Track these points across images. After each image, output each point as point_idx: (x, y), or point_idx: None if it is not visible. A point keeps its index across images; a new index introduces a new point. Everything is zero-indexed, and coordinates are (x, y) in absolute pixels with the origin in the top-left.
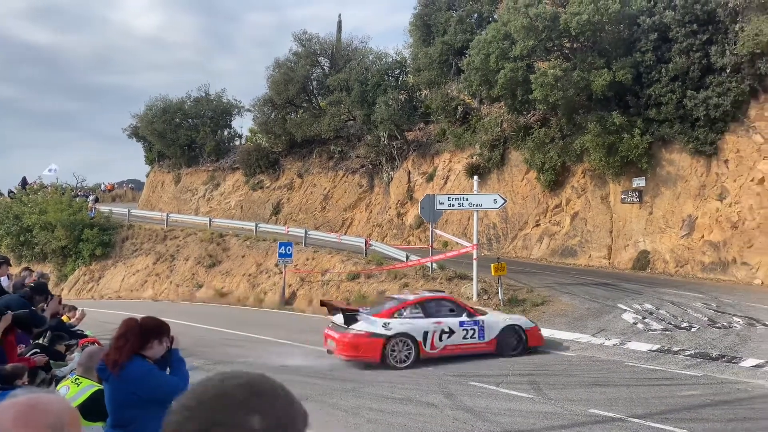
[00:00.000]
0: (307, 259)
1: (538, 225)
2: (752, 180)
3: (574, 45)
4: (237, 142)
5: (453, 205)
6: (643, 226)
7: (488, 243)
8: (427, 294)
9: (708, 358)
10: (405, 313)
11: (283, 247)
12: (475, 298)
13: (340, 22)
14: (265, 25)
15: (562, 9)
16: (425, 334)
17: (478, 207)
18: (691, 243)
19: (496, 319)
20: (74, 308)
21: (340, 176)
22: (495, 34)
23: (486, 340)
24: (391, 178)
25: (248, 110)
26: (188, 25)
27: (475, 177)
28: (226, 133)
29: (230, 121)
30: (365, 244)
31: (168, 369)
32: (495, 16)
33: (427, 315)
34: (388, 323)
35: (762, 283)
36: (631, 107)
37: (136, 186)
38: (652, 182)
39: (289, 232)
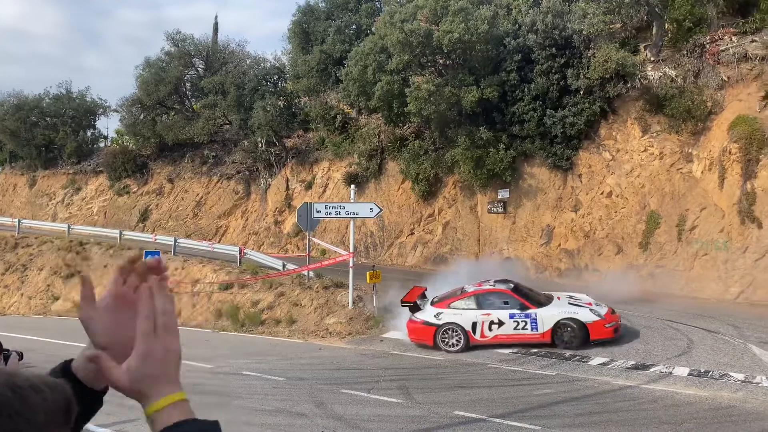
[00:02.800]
0: (176, 269)
1: (412, 233)
2: (602, 193)
3: (447, 62)
4: (101, 144)
5: (330, 214)
6: (507, 234)
7: (366, 251)
8: (486, 287)
9: (561, 358)
10: (459, 305)
11: (149, 257)
12: (350, 305)
13: (216, 24)
14: (139, 23)
15: (436, 26)
16: (474, 324)
17: (355, 215)
18: (549, 251)
19: (551, 313)
20: None
21: (215, 182)
22: (372, 47)
23: (540, 332)
24: (269, 185)
25: (115, 111)
26: (52, 16)
27: (352, 186)
28: (89, 134)
29: (94, 121)
30: (240, 253)
31: None
32: (373, 29)
33: (479, 307)
34: (440, 313)
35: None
36: (497, 123)
37: None
38: (516, 194)
39: (157, 241)
